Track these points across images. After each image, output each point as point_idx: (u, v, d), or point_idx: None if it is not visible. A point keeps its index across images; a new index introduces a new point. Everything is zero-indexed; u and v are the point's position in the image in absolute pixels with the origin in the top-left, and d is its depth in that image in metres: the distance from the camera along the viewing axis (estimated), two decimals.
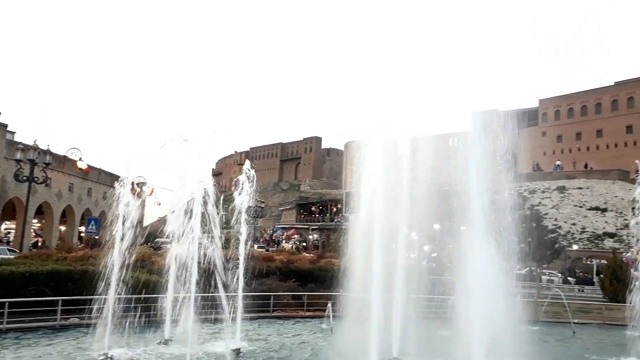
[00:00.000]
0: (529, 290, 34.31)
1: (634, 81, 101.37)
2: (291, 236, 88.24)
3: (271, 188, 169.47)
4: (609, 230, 65.45)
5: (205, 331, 14.30)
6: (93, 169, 53.61)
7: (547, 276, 48.08)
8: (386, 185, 13.80)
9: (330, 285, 19.11)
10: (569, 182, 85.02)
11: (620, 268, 29.77)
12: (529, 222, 38.65)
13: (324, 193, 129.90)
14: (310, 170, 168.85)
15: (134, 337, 13.10)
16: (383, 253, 12.70)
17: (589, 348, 17.20)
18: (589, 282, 45.46)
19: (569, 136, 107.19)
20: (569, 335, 19.34)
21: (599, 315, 24.21)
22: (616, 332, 19.35)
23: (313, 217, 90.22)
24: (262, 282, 21.16)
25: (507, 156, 14.90)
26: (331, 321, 17.18)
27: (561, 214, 72.60)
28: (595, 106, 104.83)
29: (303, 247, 75.90)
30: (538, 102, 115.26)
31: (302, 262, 26.60)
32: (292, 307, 20.78)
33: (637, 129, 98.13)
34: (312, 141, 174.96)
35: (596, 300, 31.10)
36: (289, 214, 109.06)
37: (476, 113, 15.16)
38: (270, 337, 15.92)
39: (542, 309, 22.50)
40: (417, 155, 14.05)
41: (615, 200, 73.04)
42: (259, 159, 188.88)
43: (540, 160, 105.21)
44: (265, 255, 29.26)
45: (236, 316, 13.15)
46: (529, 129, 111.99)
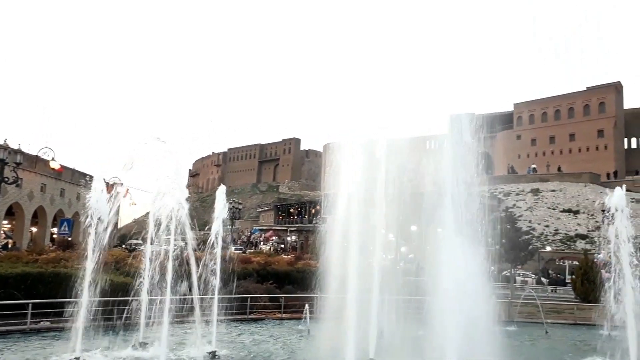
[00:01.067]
0: (504, 290, 34.83)
1: (605, 87, 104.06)
2: (269, 238, 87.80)
3: (249, 189, 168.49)
4: (580, 232, 66.93)
5: (180, 334, 14.14)
6: (66, 169, 52.46)
7: (521, 277, 48.90)
8: (363, 187, 13.87)
9: (308, 287, 19.10)
10: (542, 184, 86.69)
11: (592, 269, 30.44)
12: (504, 224, 39.27)
13: (303, 194, 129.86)
14: (289, 171, 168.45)
15: (107, 340, 12.86)
16: (360, 254, 12.74)
17: (561, 347, 17.55)
18: (562, 283, 46.39)
19: (543, 140, 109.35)
20: (541, 335, 19.70)
21: (570, 315, 24.74)
22: (587, 332, 19.77)
23: (291, 219, 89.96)
24: (239, 284, 20.99)
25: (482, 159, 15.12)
26: (308, 323, 17.16)
27: (535, 216, 73.97)
28: (568, 111, 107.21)
29: (281, 248, 75.60)
30: (513, 106, 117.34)
31: (279, 264, 26.53)
32: (269, 309, 20.69)
33: (607, 133, 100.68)
34: (291, 142, 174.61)
35: (568, 301, 31.75)
36: (267, 216, 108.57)
37: (453, 116, 15.35)
38: (247, 340, 15.81)
39: (516, 310, 22.87)
40: (394, 157, 14.14)
41: (587, 202, 74.75)
42: (237, 160, 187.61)
43: (515, 163, 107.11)
44: (242, 257, 29.07)
45: (212, 319, 13.01)
46: (504, 132, 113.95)
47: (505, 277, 42.06)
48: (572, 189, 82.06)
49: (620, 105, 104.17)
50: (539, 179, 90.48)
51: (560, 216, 73.17)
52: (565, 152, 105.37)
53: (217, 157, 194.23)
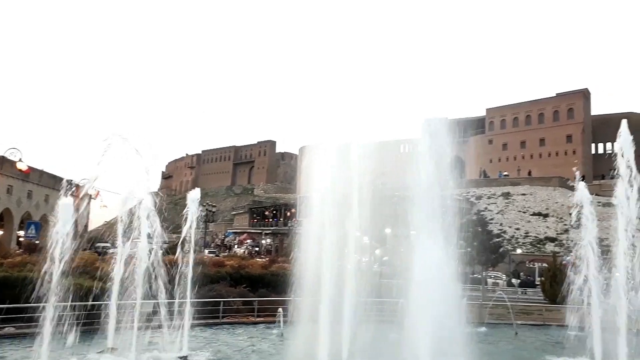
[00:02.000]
0: (475, 292, 35.34)
1: (573, 93, 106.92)
2: (244, 241, 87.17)
3: (223, 192, 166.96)
4: (550, 235, 68.52)
5: (150, 339, 13.88)
6: (34, 171, 51.10)
7: (493, 279, 49.72)
8: (337, 189, 13.90)
9: (282, 290, 19.01)
10: (513, 188, 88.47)
11: (560, 271, 31.12)
12: (476, 227, 39.92)
13: (278, 197, 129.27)
14: (264, 174, 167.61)
15: (75, 346, 12.53)
16: (334, 257, 12.76)
17: (530, 348, 17.91)
18: (532, 285, 47.34)
19: (514, 144, 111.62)
20: (511, 336, 20.06)
21: (539, 316, 25.25)
22: (555, 332, 20.19)
23: (266, 222, 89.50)
24: (212, 287, 20.81)
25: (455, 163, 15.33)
26: (282, 326, 17.08)
27: (506, 219, 75.40)
28: (539, 116, 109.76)
29: (256, 252, 75.12)
30: (485, 111, 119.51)
31: (253, 268, 26.35)
32: (243, 313, 20.52)
33: (576, 138, 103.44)
34: (267, 145, 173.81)
35: (537, 302, 32.39)
36: (241, 219, 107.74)
37: (426, 120, 15.53)
38: (219, 344, 15.64)
39: (487, 311, 23.23)
40: (368, 160, 14.23)
41: (556, 206, 76.59)
42: (211, 162, 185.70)
43: (487, 167, 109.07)
44: (215, 260, 28.82)
45: (184, 323, 12.83)
46: (476, 137, 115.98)
47: (476, 279, 42.70)
48: (542, 193, 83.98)
49: (588, 111, 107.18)
50: (510, 183, 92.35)
51: (531, 219, 74.76)
52: (535, 157, 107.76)
53: (190, 159, 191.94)
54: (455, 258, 14.04)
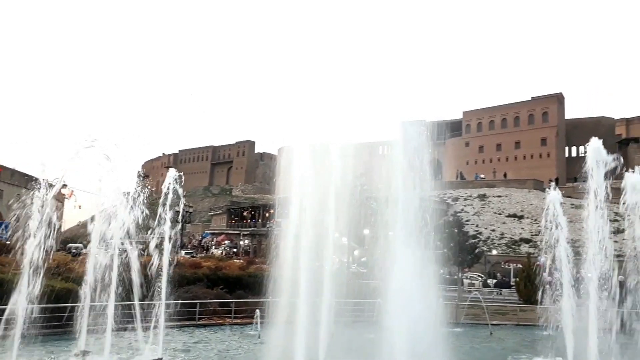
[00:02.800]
0: (451, 293, 35.72)
1: (548, 97, 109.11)
2: (221, 242, 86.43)
3: (201, 192, 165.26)
4: (525, 236, 69.68)
5: (124, 341, 13.65)
6: (5, 169, 49.83)
7: (469, 279, 50.31)
8: (316, 190, 13.90)
9: (259, 292, 18.90)
10: (489, 190, 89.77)
11: (534, 272, 31.65)
12: (452, 228, 40.33)
13: (257, 198, 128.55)
14: (243, 174, 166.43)
15: (46, 349, 12.27)
16: (311, 258, 12.75)
17: (504, 348, 18.19)
18: (507, 286, 48.03)
19: (490, 147, 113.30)
20: (486, 336, 20.34)
21: (514, 317, 25.67)
22: (529, 332, 20.57)
23: (244, 223, 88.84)
24: (188, 289, 20.60)
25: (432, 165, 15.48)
26: (259, 328, 17.00)
27: (482, 220, 76.43)
28: (514, 119, 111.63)
29: (234, 253, 74.56)
30: (462, 114, 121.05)
31: (231, 269, 26.15)
32: (220, 315, 20.35)
33: (550, 141, 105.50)
34: (245, 145, 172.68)
35: (512, 303, 32.91)
36: (219, 219, 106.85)
37: (404, 123, 15.65)
38: (195, 346, 15.48)
39: (463, 312, 23.51)
40: (347, 161, 14.26)
41: (531, 208, 77.94)
42: (188, 162, 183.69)
43: (463, 169, 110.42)
44: (192, 261, 28.51)
45: (159, 325, 12.64)
46: (453, 139, 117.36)
47: (453, 280, 43.17)
48: (517, 195, 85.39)
49: (562, 115, 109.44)
50: (486, 185, 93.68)
51: (506, 221, 75.92)
52: (511, 159, 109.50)
53: (167, 159, 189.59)
54: (431, 259, 14.17)
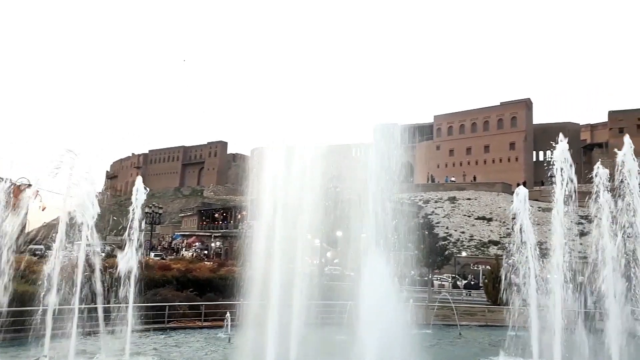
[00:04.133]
0: (422, 294, 36.13)
1: (517, 103, 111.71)
2: (192, 244, 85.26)
3: (171, 193, 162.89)
4: (493, 238, 71.08)
5: (90, 346, 13.30)
6: None
7: (439, 281, 51.00)
8: (288, 192, 13.85)
9: (230, 294, 18.73)
10: (459, 193, 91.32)
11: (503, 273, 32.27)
12: (423, 230, 40.80)
13: (229, 199, 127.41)
14: (215, 175, 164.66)
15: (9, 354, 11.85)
16: (283, 260, 12.69)
17: (472, 348, 18.48)
18: (476, 287, 48.88)
19: (460, 150, 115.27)
20: (455, 337, 20.63)
21: (482, 317, 26.10)
22: (497, 332, 20.91)
23: (216, 224, 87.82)
24: (157, 292, 20.25)
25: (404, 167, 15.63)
26: (229, 330, 16.83)
27: (452, 222, 77.64)
28: (484, 124, 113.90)
29: (205, 255, 73.64)
30: (433, 118, 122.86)
31: (201, 271, 25.81)
32: (189, 318, 20.07)
33: (518, 146, 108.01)
34: (217, 145, 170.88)
35: (481, 304, 33.49)
36: (190, 221, 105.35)
37: (377, 125, 15.78)
38: (163, 350, 15.20)
39: (433, 313, 23.78)
40: (320, 163, 14.27)
41: (499, 210, 79.60)
42: (158, 162, 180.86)
43: (434, 172, 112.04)
44: (161, 264, 28.04)
45: (126, 329, 12.36)
46: (424, 142, 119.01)
47: (423, 281, 43.68)
48: (486, 198, 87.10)
49: (530, 120, 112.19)
50: (456, 188, 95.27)
51: (475, 223, 77.31)
52: (480, 163, 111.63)
53: (137, 159, 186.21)
54: (402, 260, 14.31)
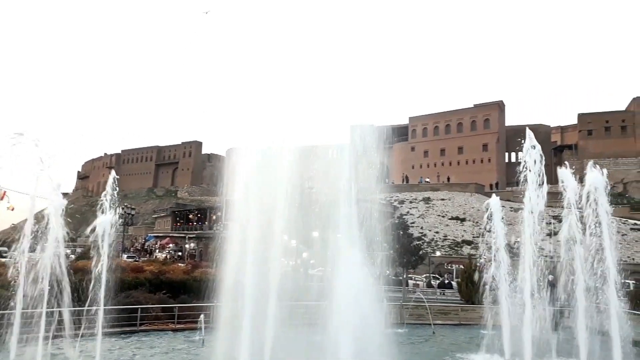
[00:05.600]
0: (396, 294, 36.40)
1: (490, 105, 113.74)
2: (165, 245, 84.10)
3: (144, 194, 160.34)
4: (466, 238, 72.16)
5: (58, 350, 12.97)
6: None
7: (413, 280, 51.48)
8: (264, 193, 13.78)
9: (204, 296, 18.54)
10: (433, 193, 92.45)
11: (475, 272, 32.78)
12: (397, 230, 41.15)
13: (204, 200, 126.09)
14: (189, 176, 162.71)
15: None
16: (258, 261, 12.61)
17: (445, 347, 18.70)
18: (449, 286, 49.49)
19: (435, 152, 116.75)
20: (429, 336, 20.84)
21: (456, 316, 26.45)
22: (470, 331, 21.24)
23: (190, 225, 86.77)
24: (129, 294, 19.90)
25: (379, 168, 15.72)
26: (203, 333, 16.64)
27: (426, 222, 78.52)
28: (457, 125, 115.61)
29: (179, 256, 72.74)
30: (408, 120, 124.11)
31: (175, 273, 25.47)
32: (162, 320, 19.77)
33: (491, 147, 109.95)
34: (192, 145, 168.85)
35: (454, 303, 33.92)
36: (163, 222, 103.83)
37: (353, 126, 15.84)
38: (135, 353, 14.94)
39: (407, 312, 24.00)
40: (296, 164, 14.23)
41: (472, 210, 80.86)
42: (131, 162, 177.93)
43: (409, 173, 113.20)
44: (134, 265, 27.59)
45: (96, 332, 12.10)
46: (400, 143, 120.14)
47: (398, 281, 44.00)
48: (460, 198, 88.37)
49: (503, 122, 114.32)
50: (430, 188, 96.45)
51: (449, 223, 78.35)
52: (454, 164, 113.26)
53: (109, 159, 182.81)
54: (377, 260, 14.38)
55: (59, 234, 10.62)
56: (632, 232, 68.46)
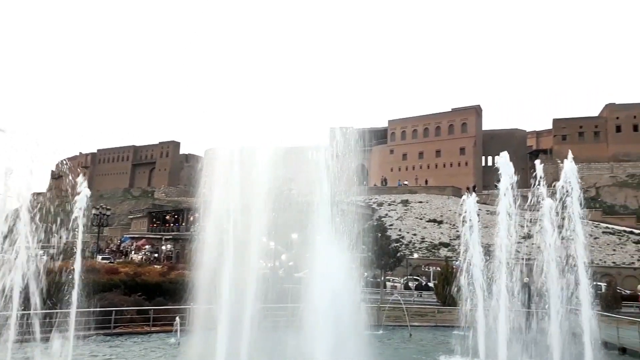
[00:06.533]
0: (374, 296, 36.59)
1: (467, 109, 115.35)
2: (142, 247, 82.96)
3: (120, 194, 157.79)
4: (444, 240, 72.86)
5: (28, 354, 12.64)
6: None
7: (391, 282, 51.82)
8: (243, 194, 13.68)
9: (181, 298, 18.34)
10: (411, 196, 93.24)
11: (451, 274, 33.17)
12: (376, 232, 41.36)
13: (181, 201, 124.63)
14: (166, 176, 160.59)
15: None
16: (234, 263, 12.51)
17: (422, 348, 18.85)
18: (427, 288, 49.95)
19: (413, 155, 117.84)
20: (406, 338, 20.98)
21: (432, 318, 26.67)
22: (446, 333, 21.44)
23: (167, 227, 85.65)
24: (104, 296, 19.55)
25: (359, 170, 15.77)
26: (179, 335, 16.45)
27: (404, 225, 79.08)
28: (435, 129, 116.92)
29: (155, 258, 71.86)
30: (387, 123, 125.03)
31: (150, 275, 25.14)
32: (137, 323, 19.47)
33: (468, 151, 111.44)
34: (169, 146, 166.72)
35: (431, 305, 34.22)
36: (139, 223, 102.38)
37: (332, 128, 15.86)
38: (108, 356, 14.67)
39: (385, 314, 24.11)
40: (275, 165, 14.18)
41: (450, 213, 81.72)
42: (107, 162, 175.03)
43: (388, 176, 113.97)
44: (109, 267, 27.14)
45: (68, 335, 11.83)
46: (379, 146, 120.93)
47: (377, 283, 44.26)
48: (437, 201, 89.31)
49: (480, 126, 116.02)
50: (409, 191, 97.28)
51: (427, 225, 79.06)
52: (432, 167, 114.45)
53: (84, 159, 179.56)
54: (355, 262, 14.40)
55: (29, 235, 10.36)
56: (604, 236, 70.07)
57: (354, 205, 15.30)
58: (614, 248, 66.03)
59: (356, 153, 15.68)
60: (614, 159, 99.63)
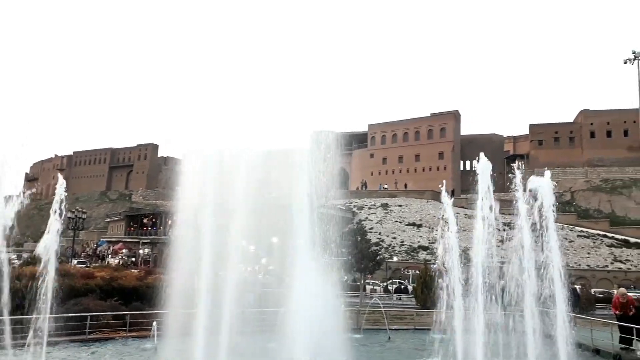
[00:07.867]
0: (354, 299, 36.62)
1: (446, 114, 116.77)
2: (118, 251, 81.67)
3: (97, 197, 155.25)
4: (423, 244, 73.49)
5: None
6: None
7: (371, 285, 52.03)
8: (222, 197, 13.60)
9: (158, 303, 18.10)
10: (391, 200, 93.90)
11: (430, 277, 33.48)
12: (356, 236, 41.49)
13: (159, 204, 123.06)
14: (144, 179, 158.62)
15: None
16: (212, 267, 12.42)
17: (401, 351, 18.96)
18: (406, 291, 50.29)
19: (393, 159, 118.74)
20: (385, 341, 21.06)
21: (411, 321, 26.85)
22: (425, 336, 21.56)
23: (145, 230, 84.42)
24: (79, 301, 19.19)
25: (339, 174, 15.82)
26: (156, 341, 16.22)
27: (384, 228, 79.54)
28: (415, 133, 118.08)
29: (132, 262, 70.75)
30: (368, 127, 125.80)
31: (127, 279, 24.73)
32: (113, 328, 19.14)
33: (447, 155, 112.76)
34: (147, 148, 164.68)
35: (410, 308, 34.45)
36: (116, 226, 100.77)
37: (313, 132, 15.87)
38: None
39: (364, 317, 24.17)
40: (255, 168, 14.12)
41: (429, 217, 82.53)
42: (84, 164, 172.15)
43: (368, 179, 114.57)
44: (84, 271, 26.64)
45: (41, 341, 11.57)
46: (359, 150, 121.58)
47: (356, 286, 44.34)
48: (416, 205, 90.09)
49: (458, 131, 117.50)
50: (388, 195, 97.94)
51: (406, 229, 79.64)
52: (411, 171, 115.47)
53: (60, 161, 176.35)
54: (335, 266, 14.42)
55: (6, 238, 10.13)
56: (579, 239, 71.54)
57: (334, 208, 15.33)
58: (589, 251, 67.47)
59: (337, 157, 15.72)
60: (588, 164, 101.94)
